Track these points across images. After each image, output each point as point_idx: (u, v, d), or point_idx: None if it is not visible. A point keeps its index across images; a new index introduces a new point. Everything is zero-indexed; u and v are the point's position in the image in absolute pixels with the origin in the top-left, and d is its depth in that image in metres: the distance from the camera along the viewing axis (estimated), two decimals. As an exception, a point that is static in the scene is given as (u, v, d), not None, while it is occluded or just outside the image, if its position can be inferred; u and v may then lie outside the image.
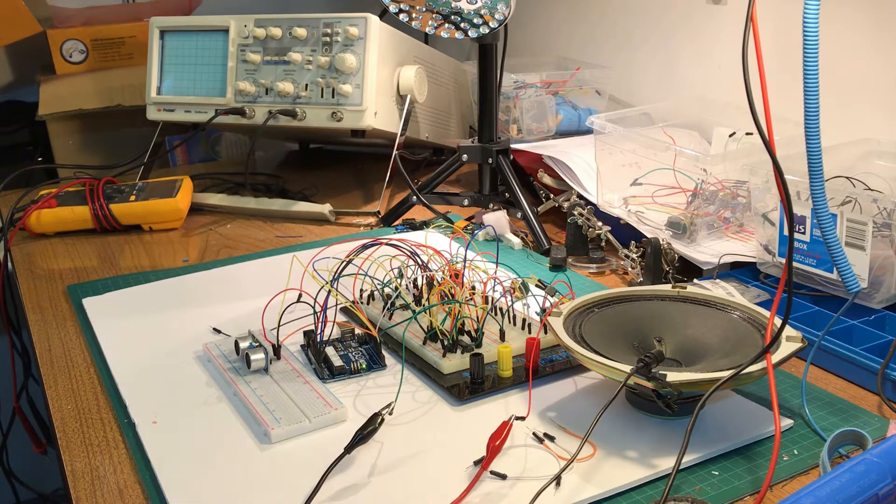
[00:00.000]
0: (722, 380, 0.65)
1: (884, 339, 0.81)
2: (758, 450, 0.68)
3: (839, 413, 0.73)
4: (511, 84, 1.41)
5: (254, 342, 0.82)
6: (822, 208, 0.69)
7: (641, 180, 1.14)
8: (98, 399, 0.80)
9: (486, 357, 0.78)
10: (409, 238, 0.93)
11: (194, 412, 0.76)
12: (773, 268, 0.96)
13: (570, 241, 1.10)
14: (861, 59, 1.10)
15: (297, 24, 1.28)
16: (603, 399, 0.68)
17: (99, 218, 1.26)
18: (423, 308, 0.84)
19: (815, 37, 0.64)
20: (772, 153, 0.63)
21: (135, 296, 1.02)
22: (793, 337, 0.69)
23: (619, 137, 1.13)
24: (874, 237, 0.84)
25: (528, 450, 0.68)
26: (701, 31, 1.36)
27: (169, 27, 1.39)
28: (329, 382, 0.79)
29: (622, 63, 1.53)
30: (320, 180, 1.53)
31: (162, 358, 0.86)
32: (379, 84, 1.26)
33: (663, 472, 0.65)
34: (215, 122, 1.34)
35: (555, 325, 0.74)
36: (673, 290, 0.81)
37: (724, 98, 1.24)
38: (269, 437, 0.70)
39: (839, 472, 0.55)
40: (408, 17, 1.17)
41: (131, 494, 0.66)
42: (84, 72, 1.68)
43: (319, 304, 0.82)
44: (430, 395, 0.77)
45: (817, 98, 0.65)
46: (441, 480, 0.65)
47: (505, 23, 1.12)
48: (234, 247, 1.21)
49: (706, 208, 1.06)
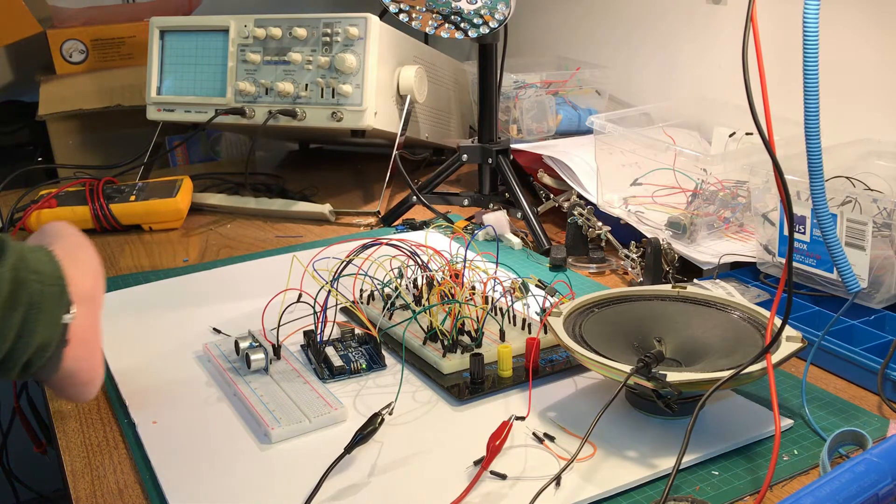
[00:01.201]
0: (722, 380, 0.65)
1: (884, 339, 0.81)
2: (758, 450, 0.68)
3: (839, 413, 0.73)
4: (511, 84, 1.41)
5: (254, 342, 0.82)
6: (822, 208, 0.69)
7: (641, 180, 1.14)
8: (98, 399, 0.80)
9: (486, 357, 0.78)
10: (409, 238, 0.93)
11: (194, 412, 0.76)
12: (773, 268, 0.96)
13: (570, 241, 1.10)
14: (861, 59, 1.10)
15: (297, 24, 1.28)
16: (603, 399, 0.68)
17: (99, 218, 1.26)
18: (423, 308, 0.84)
19: (815, 37, 0.64)
20: (772, 153, 0.63)
21: (135, 296, 1.02)
22: (793, 337, 0.69)
23: (619, 137, 1.13)
24: (874, 237, 0.84)
25: (528, 450, 0.68)
26: (701, 31, 1.36)
27: (169, 27, 1.39)
28: (329, 382, 0.79)
29: (622, 63, 1.53)
30: (320, 180, 1.53)
31: (162, 358, 0.86)
32: (379, 84, 1.26)
33: (663, 472, 0.65)
34: (215, 122, 1.34)
35: (555, 325, 0.74)
36: (673, 290, 0.81)
37: (724, 98, 1.24)
38: (269, 437, 0.70)
39: (839, 472, 0.55)
40: (408, 17, 1.16)
41: (131, 494, 0.66)
42: (84, 72, 1.68)
43: (319, 304, 0.82)
44: (430, 395, 0.77)
45: (817, 98, 0.65)
46: (441, 480, 0.65)
47: (505, 23, 1.12)
48: (234, 247, 1.21)
49: (706, 208, 1.06)
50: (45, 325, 0.62)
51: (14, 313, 0.60)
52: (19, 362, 0.62)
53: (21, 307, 0.61)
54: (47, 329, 0.62)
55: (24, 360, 0.62)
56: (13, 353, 0.61)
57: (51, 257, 0.65)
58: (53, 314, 0.63)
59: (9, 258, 0.61)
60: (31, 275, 0.62)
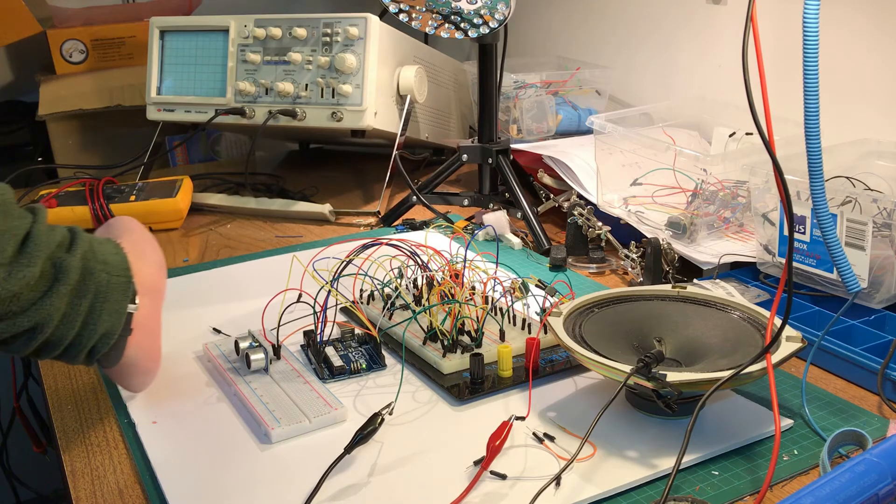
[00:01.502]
0: (722, 380, 0.65)
1: (884, 339, 0.81)
2: (758, 450, 0.68)
3: (839, 413, 0.73)
4: (511, 84, 1.41)
5: (254, 342, 0.82)
6: (822, 208, 0.69)
7: (641, 180, 1.14)
8: (98, 399, 0.80)
9: (486, 357, 0.78)
10: (409, 238, 0.93)
11: (194, 412, 0.76)
12: (773, 268, 0.96)
13: (570, 241, 1.10)
14: (861, 59, 1.10)
15: (297, 24, 1.28)
16: (603, 399, 0.68)
17: (99, 218, 1.26)
18: (423, 308, 0.84)
19: (815, 37, 0.64)
20: (772, 153, 0.63)
21: (135, 296, 1.02)
22: (793, 337, 0.69)
23: (619, 137, 1.13)
24: (874, 237, 0.84)
25: (528, 450, 0.68)
26: (701, 31, 1.36)
27: (169, 27, 1.39)
28: (329, 382, 0.79)
29: (622, 63, 1.53)
30: (320, 180, 1.53)
31: (162, 358, 0.85)
32: (379, 84, 1.26)
33: (663, 472, 0.65)
34: (215, 122, 1.34)
35: (555, 325, 0.74)
36: (673, 290, 0.81)
37: (724, 98, 1.24)
38: (269, 437, 0.70)
39: (839, 472, 0.55)
40: (408, 17, 1.17)
41: (131, 494, 0.66)
42: (84, 72, 1.68)
43: (319, 304, 0.82)
44: (430, 395, 0.77)
45: (817, 98, 0.65)
46: (441, 480, 0.65)
47: (505, 23, 1.12)
48: (234, 247, 1.21)
49: (706, 208, 1.06)
50: (110, 314, 0.66)
51: (82, 301, 0.64)
52: (85, 348, 0.66)
53: (89, 295, 0.64)
54: (112, 317, 0.66)
55: (90, 346, 0.66)
56: (80, 339, 0.65)
57: (118, 249, 0.69)
58: (119, 303, 0.67)
59: (79, 248, 0.65)
60: (99, 265, 0.65)
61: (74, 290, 0.63)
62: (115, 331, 0.67)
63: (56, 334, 0.64)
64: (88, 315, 0.64)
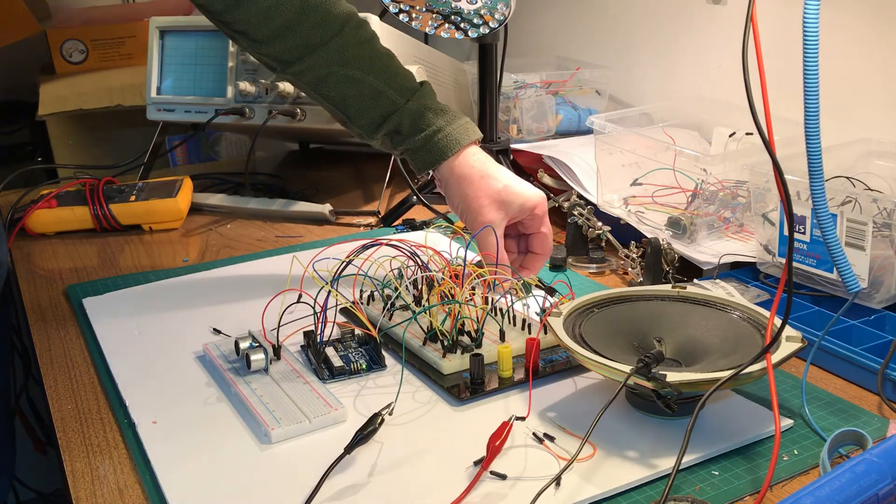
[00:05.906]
0: (722, 380, 0.65)
1: (884, 339, 0.81)
2: (758, 450, 0.68)
3: (839, 413, 0.73)
4: (511, 84, 1.41)
5: (254, 342, 0.82)
6: (822, 208, 0.69)
7: (641, 180, 1.14)
8: (98, 399, 0.80)
9: (486, 357, 0.78)
10: (408, 238, 0.93)
11: (194, 412, 0.76)
12: (773, 268, 0.96)
13: (570, 241, 1.10)
14: (861, 59, 1.10)
15: (297, 24, 1.28)
16: (603, 399, 0.68)
17: (99, 218, 1.26)
18: (423, 308, 0.84)
19: (815, 37, 0.64)
20: (772, 153, 0.63)
21: (135, 296, 1.02)
22: (793, 337, 0.69)
23: (619, 137, 1.13)
24: (874, 237, 0.84)
25: (528, 450, 0.68)
26: (701, 31, 1.36)
27: (169, 27, 1.39)
28: (329, 383, 0.79)
29: (622, 63, 1.53)
30: (320, 180, 1.53)
31: (162, 358, 0.86)
32: (379, 84, 1.25)
33: (663, 472, 0.65)
34: (215, 122, 1.34)
35: (555, 326, 0.74)
36: (673, 290, 0.81)
37: (724, 98, 1.24)
38: (269, 437, 0.70)
39: (839, 472, 0.55)
40: (408, 17, 1.16)
41: (131, 494, 0.66)
42: (84, 72, 1.68)
43: (319, 304, 0.82)
44: (430, 396, 0.77)
45: (817, 98, 0.65)
46: (441, 480, 0.65)
47: (505, 23, 1.12)
48: (234, 247, 1.21)
49: (706, 208, 1.06)
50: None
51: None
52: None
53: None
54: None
55: None
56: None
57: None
58: None
59: None
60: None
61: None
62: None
63: None
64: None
